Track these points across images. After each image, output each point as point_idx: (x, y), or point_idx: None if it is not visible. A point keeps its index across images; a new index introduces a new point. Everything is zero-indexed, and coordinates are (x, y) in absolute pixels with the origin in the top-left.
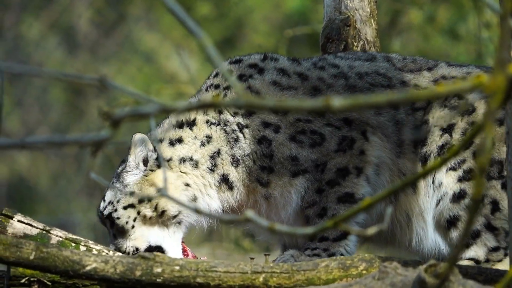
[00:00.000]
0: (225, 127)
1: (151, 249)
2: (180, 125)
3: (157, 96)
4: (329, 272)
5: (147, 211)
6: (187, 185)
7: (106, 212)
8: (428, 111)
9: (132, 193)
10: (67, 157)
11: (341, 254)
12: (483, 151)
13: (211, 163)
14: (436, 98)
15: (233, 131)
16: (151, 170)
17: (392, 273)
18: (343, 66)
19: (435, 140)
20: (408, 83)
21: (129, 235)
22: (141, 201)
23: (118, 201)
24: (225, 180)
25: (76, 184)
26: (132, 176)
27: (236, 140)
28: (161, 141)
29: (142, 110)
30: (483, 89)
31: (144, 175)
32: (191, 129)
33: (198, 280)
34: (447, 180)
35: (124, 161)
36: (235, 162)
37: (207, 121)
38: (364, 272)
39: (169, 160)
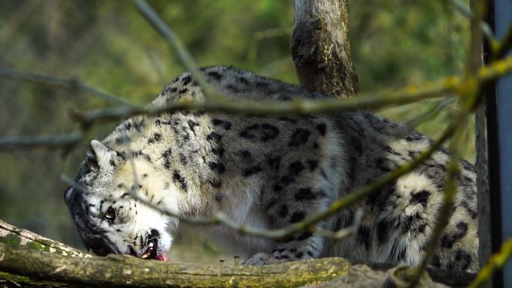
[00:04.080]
0: (175, 126)
1: (152, 232)
2: (127, 127)
3: (127, 98)
4: (299, 275)
5: (142, 195)
6: (156, 169)
7: (104, 209)
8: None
9: (120, 185)
10: (36, 159)
11: (309, 252)
12: (454, 154)
13: (165, 160)
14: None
15: (184, 128)
16: (122, 163)
17: (361, 276)
18: (317, 94)
19: (402, 204)
20: (379, 141)
21: (135, 220)
22: (133, 188)
23: (110, 195)
24: (177, 176)
25: (45, 186)
26: (107, 177)
27: (186, 137)
28: (107, 143)
29: (113, 112)
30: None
31: (119, 168)
32: (137, 129)
33: (168, 282)
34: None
35: (85, 172)
36: (183, 159)
37: (157, 121)
38: (333, 275)
39: (123, 152)
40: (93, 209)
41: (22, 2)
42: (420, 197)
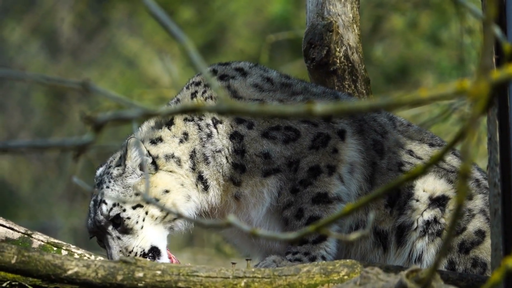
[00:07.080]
0: (199, 122)
1: (151, 249)
2: (159, 126)
3: (139, 100)
4: (311, 278)
5: (156, 211)
6: (182, 185)
7: (112, 214)
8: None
9: (137, 194)
10: (48, 162)
11: (322, 256)
12: (465, 156)
13: (191, 163)
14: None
15: (207, 125)
16: (151, 173)
17: (373, 279)
18: (342, 95)
19: (419, 208)
20: (402, 144)
21: (137, 235)
22: (149, 201)
23: (124, 203)
24: (200, 177)
25: (57, 189)
26: (131, 179)
27: (209, 135)
28: (142, 142)
29: (124, 114)
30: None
31: (144, 178)
32: (169, 128)
33: (180, 284)
34: None
35: (116, 165)
36: (206, 160)
37: (185, 118)
38: (345, 277)
39: (156, 157)
40: (103, 207)
41: (34, 5)
42: (439, 201)
